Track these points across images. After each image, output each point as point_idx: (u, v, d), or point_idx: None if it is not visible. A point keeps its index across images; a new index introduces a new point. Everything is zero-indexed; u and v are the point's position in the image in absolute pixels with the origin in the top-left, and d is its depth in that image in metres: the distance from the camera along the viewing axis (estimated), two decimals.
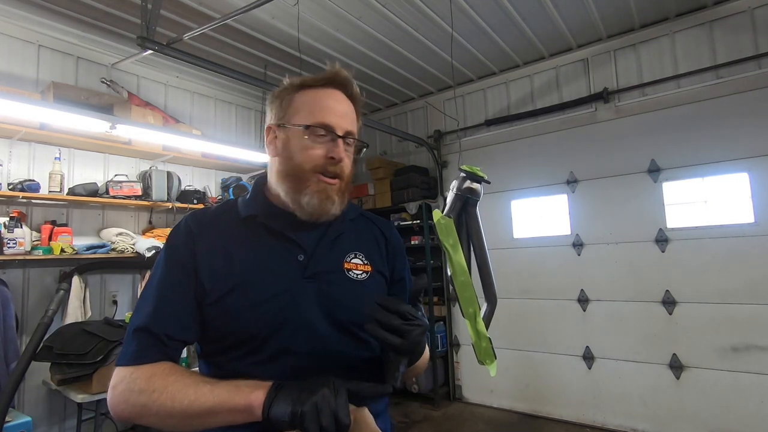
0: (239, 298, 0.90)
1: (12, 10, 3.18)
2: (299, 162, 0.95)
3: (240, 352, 0.90)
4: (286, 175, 0.97)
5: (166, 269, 0.92)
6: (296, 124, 0.96)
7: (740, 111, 3.47)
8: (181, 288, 0.91)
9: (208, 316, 0.90)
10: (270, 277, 0.93)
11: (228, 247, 0.94)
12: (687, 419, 3.57)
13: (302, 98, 0.98)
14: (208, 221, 0.99)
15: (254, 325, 0.89)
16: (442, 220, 0.97)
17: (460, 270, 0.94)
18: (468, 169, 1.01)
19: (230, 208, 1.02)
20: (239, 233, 0.97)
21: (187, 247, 0.93)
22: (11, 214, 3.02)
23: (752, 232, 3.40)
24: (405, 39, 3.92)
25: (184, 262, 0.92)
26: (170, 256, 0.94)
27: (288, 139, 0.97)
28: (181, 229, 0.97)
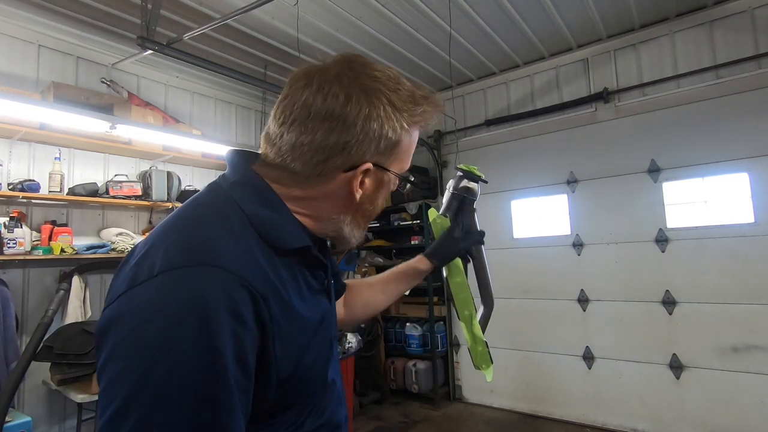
0: (313, 348, 0.70)
1: (12, 10, 3.18)
2: (380, 210, 0.82)
3: (301, 410, 0.71)
4: (364, 219, 0.80)
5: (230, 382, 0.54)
6: (398, 174, 0.78)
7: (740, 111, 3.47)
8: (247, 395, 0.59)
9: (282, 393, 0.65)
10: (319, 312, 0.75)
11: (286, 295, 0.66)
12: (687, 419, 3.56)
13: (408, 141, 0.77)
14: (255, 266, 0.63)
15: (321, 367, 0.74)
16: (438, 219, 0.96)
17: (455, 271, 0.94)
18: (465, 168, 1.00)
19: (248, 233, 0.66)
20: (287, 270, 0.69)
21: (254, 321, 0.59)
22: (11, 214, 3.01)
23: (752, 232, 3.40)
24: (405, 39, 3.92)
25: (251, 346, 0.58)
26: (232, 341, 0.55)
27: (382, 184, 0.78)
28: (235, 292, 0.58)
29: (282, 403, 0.67)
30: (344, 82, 0.70)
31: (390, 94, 0.72)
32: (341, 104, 0.69)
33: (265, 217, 0.69)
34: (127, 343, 0.54)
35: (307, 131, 0.70)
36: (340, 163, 0.71)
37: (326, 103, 0.69)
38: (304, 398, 0.71)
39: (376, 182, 0.76)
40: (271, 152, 0.74)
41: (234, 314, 0.56)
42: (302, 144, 0.70)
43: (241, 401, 0.56)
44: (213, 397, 0.53)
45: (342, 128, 0.69)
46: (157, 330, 0.53)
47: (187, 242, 0.61)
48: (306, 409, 0.72)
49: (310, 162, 0.71)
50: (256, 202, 0.70)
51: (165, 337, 0.52)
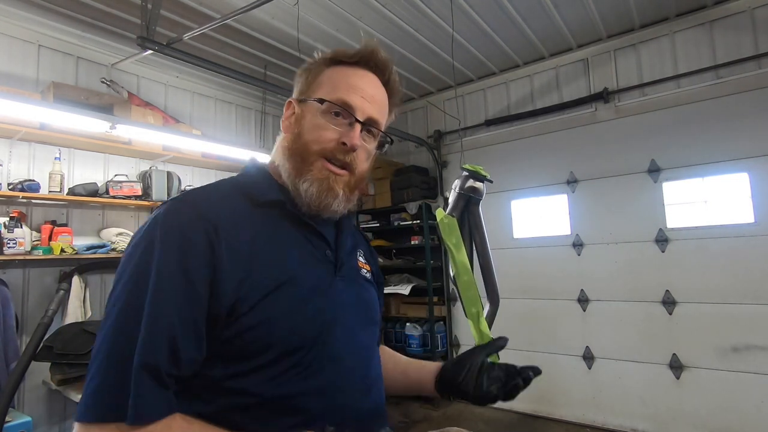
0: (286, 297, 0.74)
1: (12, 10, 3.18)
2: (306, 141, 0.82)
3: (279, 367, 0.72)
4: (290, 153, 0.84)
5: (164, 272, 0.67)
6: (313, 98, 0.84)
7: (740, 111, 3.48)
8: (193, 298, 0.68)
9: (237, 329, 0.70)
10: (309, 272, 0.79)
11: (259, 236, 0.76)
12: (687, 419, 3.57)
13: (330, 73, 0.86)
14: (217, 203, 0.76)
15: (303, 328, 0.75)
16: (446, 219, 0.96)
17: (463, 269, 0.94)
18: (471, 168, 1.01)
19: (230, 190, 0.81)
20: (263, 220, 0.78)
21: (201, 237, 0.70)
22: (11, 214, 3.01)
23: (752, 232, 3.40)
24: (405, 39, 3.92)
25: (197, 259, 0.69)
26: (170, 252, 0.68)
27: (303, 114, 0.85)
28: (184, 213, 0.72)
29: (247, 342, 0.71)
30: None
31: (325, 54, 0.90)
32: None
33: (247, 181, 0.85)
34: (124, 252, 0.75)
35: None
36: (285, 113, 0.90)
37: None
38: (275, 348, 0.72)
39: (299, 113, 0.86)
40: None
41: (182, 233, 0.70)
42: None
43: (176, 294, 0.67)
44: (141, 281, 0.67)
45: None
46: (132, 244, 0.72)
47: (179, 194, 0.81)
48: (285, 365, 0.73)
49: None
50: (246, 174, 0.87)
51: (133, 248, 0.71)
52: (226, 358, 0.71)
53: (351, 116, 0.83)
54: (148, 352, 0.64)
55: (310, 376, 0.74)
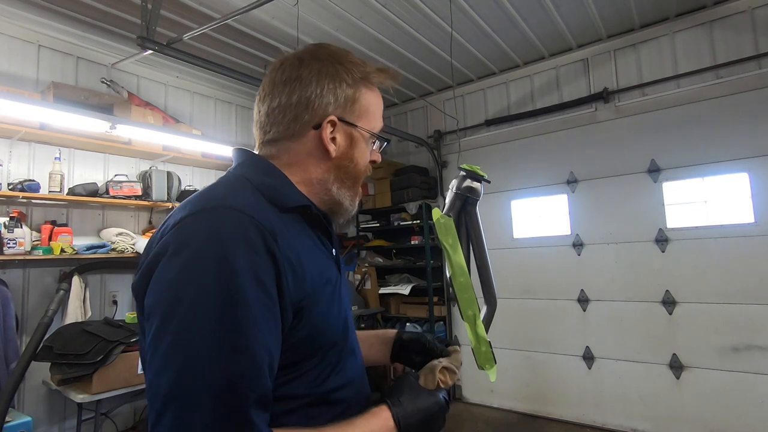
0: (325, 300, 0.78)
1: (12, 10, 3.18)
2: (362, 169, 0.90)
3: (321, 367, 0.78)
4: (352, 181, 0.89)
5: (250, 294, 0.63)
6: (367, 130, 0.89)
7: (740, 111, 3.47)
8: (275, 314, 0.68)
9: (296, 337, 0.72)
10: (329, 273, 0.83)
11: (297, 242, 0.76)
12: (687, 419, 3.57)
13: (368, 98, 0.89)
14: (260, 210, 0.72)
15: (335, 327, 0.81)
16: (442, 219, 0.96)
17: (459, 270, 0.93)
18: (468, 168, 1.00)
19: (255, 194, 0.77)
20: (293, 225, 0.78)
21: (265, 249, 0.67)
22: (11, 214, 3.01)
23: (752, 232, 3.40)
24: (405, 39, 3.92)
25: (268, 273, 0.67)
26: (248, 271, 0.64)
27: (354, 141, 0.87)
28: (244, 224, 0.67)
29: (301, 349, 0.73)
30: (300, 55, 0.86)
31: (339, 56, 0.87)
32: (296, 68, 0.84)
33: (266, 182, 0.80)
34: (164, 272, 0.66)
35: (274, 98, 0.84)
36: (308, 119, 0.83)
37: (285, 72, 0.84)
38: (322, 350, 0.77)
39: (348, 138, 0.86)
40: (259, 134, 0.88)
41: (247, 243, 0.65)
42: (273, 109, 0.84)
43: (266, 318, 0.65)
44: (233, 310, 0.62)
45: (300, 86, 0.83)
46: (186, 262, 0.64)
47: (205, 197, 0.73)
48: (326, 364, 0.78)
49: (282, 124, 0.84)
50: (258, 174, 0.81)
51: (192, 266, 0.63)
52: (281, 367, 0.70)
53: (383, 138, 0.93)
54: (258, 385, 0.63)
55: (341, 371, 0.81)
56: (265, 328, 0.65)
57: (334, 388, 0.79)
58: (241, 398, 0.60)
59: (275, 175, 0.83)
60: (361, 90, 0.87)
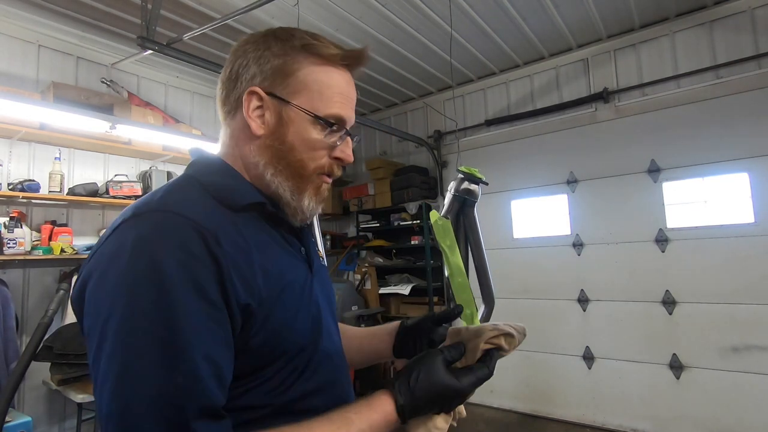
0: (289, 303, 0.72)
1: (12, 10, 3.18)
2: (302, 159, 0.76)
3: (284, 374, 0.72)
4: (284, 167, 0.77)
5: (184, 299, 0.59)
6: (304, 109, 0.75)
7: (740, 111, 3.47)
8: (220, 319, 0.62)
9: (252, 343, 0.67)
10: (296, 273, 0.77)
11: (251, 243, 0.70)
12: (687, 419, 3.57)
13: (312, 73, 0.76)
14: (205, 212, 0.67)
15: (301, 331, 0.74)
16: (440, 221, 0.96)
17: (457, 271, 0.94)
18: (466, 170, 1.01)
19: (202, 194, 0.72)
20: (247, 225, 0.72)
21: (205, 251, 0.62)
22: (11, 214, 3.02)
23: (752, 232, 3.40)
24: (405, 39, 3.92)
25: (209, 276, 0.62)
26: (182, 275, 0.60)
27: (286, 121, 0.75)
28: (180, 227, 0.63)
29: (258, 356, 0.68)
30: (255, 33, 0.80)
31: (286, 30, 0.79)
32: (237, 43, 0.80)
33: (216, 182, 0.74)
34: (95, 289, 0.62)
35: (220, 76, 0.81)
36: (237, 93, 0.77)
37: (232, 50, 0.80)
38: (285, 356, 0.71)
39: (277, 115, 0.75)
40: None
41: (182, 248, 0.61)
42: (218, 89, 0.81)
43: (207, 327, 0.60)
44: (166, 322, 0.58)
45: (233, 59, 0.79)
46: (116, 274, 0.60)
47: (143, 202, 0.69)
48: (289, 370, 0.72)
49: (221, 100, 0.80)
50: (209, 173, 0.76)
51: (122, 279, 0.60)
52: (236, 377, 0.66)
53: (344, 129, 0.79)
54: (201, 396, 0.58)
55: (310, 378, 0.75)
56: (207, 337, 0.60)
57: (300, 397, 0.73)
58: (180, 411, 0.56)
59: (224, 172, 0.78)
60: (298, 62, 0.76)
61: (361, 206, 5.38)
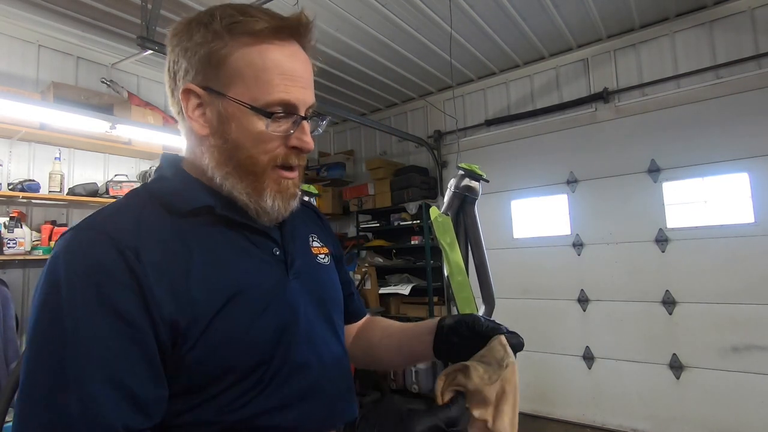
0: (239, 312, 0.65)
1: (12, 10, 3.18)
2: (251, 155, 0.69)
3: (239, 390, 0.65)
4: (234, 168, 0.69)
5: (85, 317, 0.56)
6: (240, 101, 0.67)
7: (740, 111, 3.47)
8: (130, 334, 0.58)
9: (189, 358, 0.62)
10: (258, 278, 0.70)
11: (192, 250, 0.65)
12: (687, 419, 3.56)
13: (244, 57, 0.67)
14: (130, 221, 0.64)
15: (262, 342, 0.67)
16: (440, 218, 0.96)
17: (457, 269, 0.93)
18: (466, 167, 1.00)
19: (146, 202, 0.68)
20: (193, 230, 0.67)
21: (117, 262, 0.59)
22: (11, 214, 3.01)
23: (752, 232, 3.40)
24: (405, 39, 3.92)
25: (120, 289, 0.58)
26: (84, 290, 0.57)
27: (226, 117, 0.68)
28: (91, 242, 0.60)
29: (197, 372, 0.62)
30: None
31: (205, 14, 0.71)
32: (168, 35, 0.74)
33: (163, 188, 0.70)
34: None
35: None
36: (177, 93, 0.72)
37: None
38: (235, 371, 0.64)
39: (217, 112, 0.68)
40: None
41: (92, 266, 0.58)
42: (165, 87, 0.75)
43: (120, 346, 0.57)
44: (62, 344, 0.55)
45: (168, 55, 0.74)
46: (36, 301, 0.59)
47: (80, 221, 0.66)
48: (245, 386, 0.65)
49: (170, 102, 0.77)
50: (160, 179, 0.73)
51: (35, 300, 0.59)
52: (177, 393, 0.62)
53: (297, 115, 0.70)
54: (103, 422, 0.54)
55: (273, 392, 0.68)
56: (113, 358, 0.56)
57: (260, 413, 0.66)
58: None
59: (174, 176, 0.73)
60: (226, 47, 0.67)
61: (361, 206, 5.38)
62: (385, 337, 0.96)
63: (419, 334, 0.88)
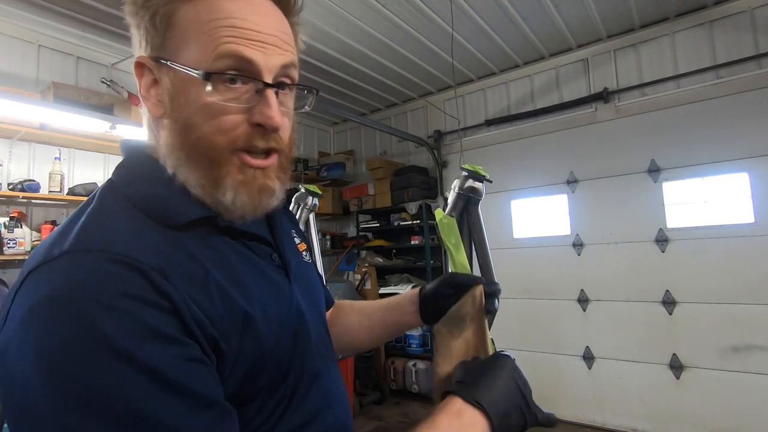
0: (262, 331, 0.58)
1: (12, 10, 3.18)
2: (205, 134, 0.56)
3: (268, 410, 0.60)
4: (187, 154, 0.57)
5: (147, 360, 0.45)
6: (187, 67, 0.55)
7: (740, 111, 3.47)
8: (199, 362, 0.50)
9: (227, 386, 0.54)
10: (268, 288, 0.63)
11: (204, 268, 0.55)
12: (687, 419, 3.57)
13: (188, 13, 0.55)
14: (137, 238, 0.52)
15: (285, 355, 0.62)
16: (445, 219, 0.96)
17: (462, 270, 0.94)
18: (470, 168, 1.01)
19: (132, 215, 0.55)
20: (194, 243, 0.57)
21: (156, 295, 0.48)
22: (11, 214, 3.01)
23: (752, 232, 3.40)
24: (405, 39, 3.92)
25: (167, 322, 0.48)
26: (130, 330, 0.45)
27: (177, 89, 0.56)
28: (127, 275, 0.48)
29: (237, 394, 0.56)
30: None
31: None
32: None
33: (147, 195, 0.57)
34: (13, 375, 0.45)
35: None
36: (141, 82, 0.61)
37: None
38: (261, 393, 0.59)
39: (168, 85, 0.57)
40: None
41: (119, 296, 0.46)
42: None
43: (187, 372, 0.48)
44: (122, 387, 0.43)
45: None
46: (36, 348, 0.44)
47: (55, 239, 0.51)
48: (270, 408, 0.60)
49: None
50: (137, 181, 0.59)
51: (46, 351, 0.44)
52: None
53: (255, 79, 0.56)
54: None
55: (297, 408, 0.62)
56: (190, 384, 0.48)
57: (289, 430, 0.61)
58: None
59: (149, 175, 0.60)
60: (171, 5, 0.56)
61: (361, 206, 5.38)
62: (364, 319, 0.97)
63: (401, 306, 0.92)
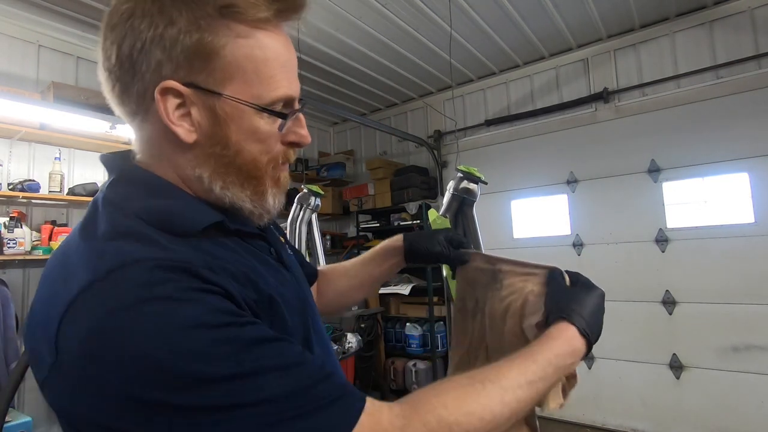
0: (284, 315, 0.62)
1: (12, 10, 3.18)
2: (255, 159, 0.61)
3: None
4: (236, 175, 0.61)
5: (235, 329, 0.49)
6: (244, 101, 0.58)
7: (740, 111, 3.47)
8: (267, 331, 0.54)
9: None
10: (277, 282, 0.65)
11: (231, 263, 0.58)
12: (687, 419, 3.56)
13: (242, 48, 0.57)
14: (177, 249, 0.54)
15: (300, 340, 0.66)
16: (438, 220, 0.96)
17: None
18: (465, 170, 1.01)
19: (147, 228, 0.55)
20: (215, 248, 0.59)
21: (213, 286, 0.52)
22: (11, 214, 3.02)
23: (752, 232, 3.40)
24: (405, 39, 3.92)
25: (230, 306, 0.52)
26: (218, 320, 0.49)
27: (223, 118, 0.58)
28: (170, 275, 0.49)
29: None
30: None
31: None
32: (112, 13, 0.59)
33: (152, 207, 0.57)
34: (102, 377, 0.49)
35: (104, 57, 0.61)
36: (142, 91, 0.58)
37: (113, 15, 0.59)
38: None
39: (210, 113, 0.58)
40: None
41: (190, 289, 0.49)
42: (102, 77, 0.62)
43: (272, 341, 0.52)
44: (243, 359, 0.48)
45: (116, 39, 0.58)
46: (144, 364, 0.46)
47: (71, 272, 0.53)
48: None
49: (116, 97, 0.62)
50: (138, 197, 0.59)
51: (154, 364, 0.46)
52: None
53: (293, 108, 0.63)
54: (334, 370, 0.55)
55: None
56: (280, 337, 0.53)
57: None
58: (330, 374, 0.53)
59: (159, 190, 0.61)
60: (220, 35, 0.56)
61: (361, 206, 5.38)
62: (352, 279, 1.06)
63: (387, 257, 1.02)
